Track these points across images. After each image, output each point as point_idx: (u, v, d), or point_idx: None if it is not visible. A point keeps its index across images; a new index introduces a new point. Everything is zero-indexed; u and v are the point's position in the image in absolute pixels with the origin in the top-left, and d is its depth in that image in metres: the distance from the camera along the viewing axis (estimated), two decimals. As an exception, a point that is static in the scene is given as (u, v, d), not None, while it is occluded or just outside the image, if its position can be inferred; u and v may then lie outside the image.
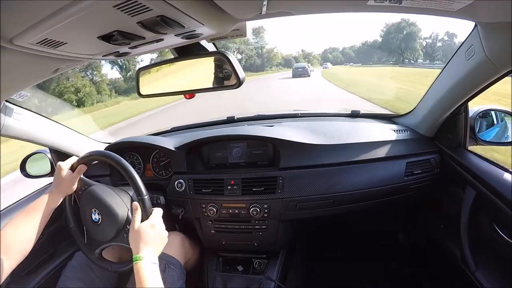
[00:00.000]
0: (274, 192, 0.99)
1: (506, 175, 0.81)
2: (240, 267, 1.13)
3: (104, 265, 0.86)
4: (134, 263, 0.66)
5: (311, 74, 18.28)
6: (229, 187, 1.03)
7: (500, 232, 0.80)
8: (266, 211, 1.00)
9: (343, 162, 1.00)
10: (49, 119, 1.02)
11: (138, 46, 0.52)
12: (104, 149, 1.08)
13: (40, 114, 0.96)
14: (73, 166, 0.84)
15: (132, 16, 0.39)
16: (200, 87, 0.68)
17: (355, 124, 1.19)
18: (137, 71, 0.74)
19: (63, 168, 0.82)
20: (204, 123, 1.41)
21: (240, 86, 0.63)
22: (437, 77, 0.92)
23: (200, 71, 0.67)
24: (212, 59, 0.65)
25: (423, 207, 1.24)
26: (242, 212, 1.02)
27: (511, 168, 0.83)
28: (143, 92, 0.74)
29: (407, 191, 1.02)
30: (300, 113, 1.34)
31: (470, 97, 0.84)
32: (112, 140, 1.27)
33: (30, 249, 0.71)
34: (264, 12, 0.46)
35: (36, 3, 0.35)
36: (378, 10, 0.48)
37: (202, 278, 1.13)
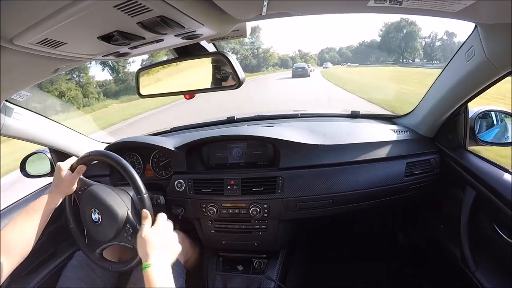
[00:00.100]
0: (274, 192, 0.99)
1: (506, 176, 0.81)
2: (240, 267, 1.12)
3: (105, 265, 0.86)
4: (144, 272, 0.63)
5: (311, 74, 18.27)
6: (229, 187, 1.03)
7: (500, 232, 0.80)
8: (266, 211, 1.00)
9: (343, 162, 1.00)
10: (49, 119, 1.02)
11: (138, 47, 0.52)
12: (104, 149, 1.08)
13: (40, 114, 0.96)
14: (73, 167, 0.84)
15: (132, 17, 0.39)
16: (200, 88, 0.69)
17: (355, 125, 1.19)
18: (137, 71, 0.74)
19: (63, 169, 0.82)
20: (204, 123, 1.41)
21: (240, 86, 0.63)
22: (437, 78, 0.92)
23: (200, 72, 0.67)
24: (211, 60, 0.65)
25: (423, 207, 1.24)
26: (242, 212, 1.02)
27: (511, 169, 0.83)
28: (143, 93, 0.74)
29: (407, 191, 1.02)
30: (300, 114, 1.34)
31: (470, 98, 0.84)
32: (112, 140, 1.27)
33: (30, 250, 0.71)
34: (264, 13, 0.46)
35: (36, 3, 0.35)
36: (378, 11, 0.48)
37: (202, 278, 1.13)
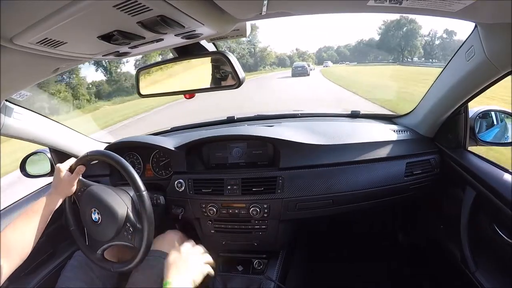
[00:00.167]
0: (274, 192, 0.99)
1: (506, 176, 0.81)
2: (240, 267, 1.12)
3: (106, 266, 0.86)
4: None
5: (311, 73, 18.26)
6: (229, 187, 1.03)
7: (500, 233, 0.80)
8: (266, 211, 1.00)
9: (343, 162, 1.00)
10: (49, 119, 1.02)
11: (138, 46, 0.52)
12: (104, 149, 1.08)
13: (40, 114, 0.96)
14: (72, 168, 0.84)
15: (132, 16, 0.39)
16: (200, 87, 0.69)
17: (355, 125, 1.19)
18: (137, 71, 0.74)
19: (62, 170, 0.81)
20: (204, 123, 1.41)
21: (240, 86, 0.63)
22: (437, 78, 0.92)
23: (200, 71, 0.67)
24: (211, 60, 0.65)
25: (423, 207, 1.24)
26: (242, 212, 1.02)
27: (511, 169, 0.83)
28: (143, 92, 0.74)
29: (407, 191, 1.02)
30: (300, 113, 1.33)
31: (470, 98, 0.84)
32: (112, 140, 1.27)
33: (30, 252, 0.71)
34: (264, 12, 0.46)
35: (36, 3, 0.35)
36: (378, 11, 0.48)
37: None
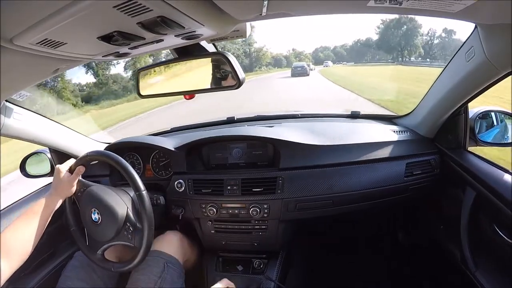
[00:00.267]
0: (274, 193, 0.99)
1: (506, 176, 0.81)
2: (240, 267, 1.12)
3: (107, 266, 0.86)
4: None
5: (310, 73, 18.24)
6: (229, 188, 1.03)
7: (500, 233, 0.80)
8: (266, 212, 1.00)
9: (343, 163, 1.00)
10: (49, 119, 1.02)
11: (138, 47, 0.52)
12: (104, 149, 1.08)
13: (40, 114, 0.96)
14: (71, 168, 0.84)
15: (132, 17, 0.39)
16: (200, 88, 0.69)
17: (355, 125, 1.19)
18: (137, 71, 0.74)
19: (62, 171, 0.82)
20: (204, 124, 1.41)
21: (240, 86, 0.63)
22: (437, 78, 0.92)
23: (200, 72, 0.67)
24: (211, 60, 0.65)
25: (423, 208, 1.24)
26: (242, 212, 1.02)
27: (511, 169, 0.83)
28: (143, 93, 0.74)
29: (407, 192, 1.02)
30: (300, 114, 1.33)
31: (470, 98, 0.84)
32: (112, 140, 1.27)
33: (30, 252, 0.71)
34: (264, 13, 0.46)
35: (36, 3, 0.35)
36: (378, 11, 0.48)
37: (202, 278, 1.13)
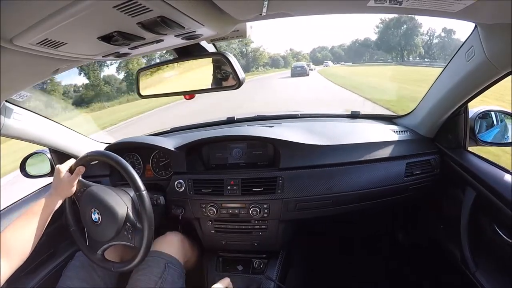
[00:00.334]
0: (274, 193, 0.99)
1: (506, 176, 0.81)
2: (240, 267, 1.12)
3: (107, 266, 0.86)
4: None
5: (310, 73, 18.22)
6: (229, 188, 1.03)
7: (500, 233, 0.80)
8: (266, 211, 1.00)
9: (343, 163, 1.00)
10: (49, 119, 1.02)
11: (138, 47, 0.52)
12: (104, 149, 1.08)
13: (40, 114, 0.96)
14: (71, 168, 0.84)
15: (132, 17, 0.39)
16: (200, 88, 0.69)
17: (355, 125, 1.19)
18: (137, 72, 0.74)
19: (62, 171, 0.82)
20: (204, 124, 1.41)
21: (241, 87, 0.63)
22: (437, 78, 0.92)
23: (200, 72, 0.67)
24: (211, 60, 0.65)
25: (423, 208, 1.24)
26: (242, 212, 1.02)
27: (511, 169, 0.83)
28: (143, 93, 0.74)
29: (407, 192, 1.02)
30: (300, 114, 1.33)
31: (470, 98, 0.84)
32: (112, 140, 1.27)
33: (30, 253, 0.71)
34: (264, 13, 0.46)
35: (36, 3, 0.35)
36: (378, 11, 0.48)
37: (202, 278, 1.13)
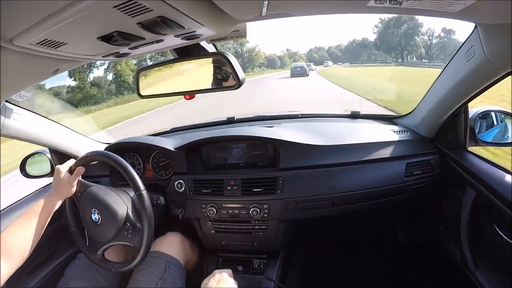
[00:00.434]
0: (274, 193, 0.99)
1: (506, 176, 0.81)
2: (240, 267, 1.12)
3: (107, 266, 0.86)
4: None
5: (310, 74, 18.23)
6: (229, 188, 1.03)
7: (500, 233, 0.80)
8: (266, 212, 1.00)
9: (343, 163, 1.00)
10: (49, 120, 1.02)
11: (138, 47, 0.52)
12: (104, 150, 1.08)
13: (40, 115, 0.96)
14: (71, 169, 0.84)
15: (132, 17, 0.39)
16: (200, 88, 0.69)
17: (355, 125, 1.19)
18: (137, 72, 0.74)
19: (62, 171, 0.82)
20: (204, 124, 1.41)
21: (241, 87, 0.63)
22: (437, 78, 0.92)
23: (200, 72, 0.67)
24: (211, 60, 0.65)
25: (423, 208, 1.24)
26: (242, 213, 1.02)
27: (511, 169, 0.83)
28: (143, 93, 0.74)
29: (407, 192, 1.02)
30: (300, 114, 1.33)
31: (470, 98, 0.84)
32: (112, 141, 1.27)
33: (30, 253, 0.71)
34: (264, 13, 0.46)
35: (36, 3, 0.35)
36: (378, 11, 0.48)
37: (202, 279, 1.13)
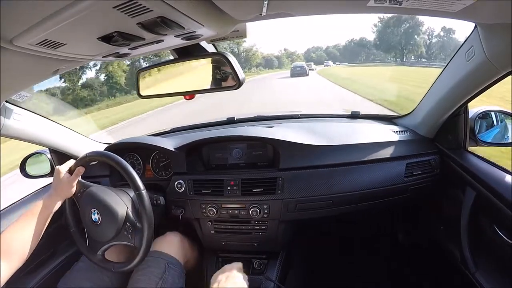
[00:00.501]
0: (274, 193, 0.99)
1: (506, 176, 0.81)
2: None
3: (107, 267, 0.86)
4: None
5: (310, 73, 18.26)
6: (229, 188, 1.03)
7: (500, 233, 0.79)
8: (266, 212, 1.00)
9: (343, 163, 1.00)
10: (49, 120, 1.02)
11: (138, 47, 0.52)
12: (104, 150, 1.08)
13: (40, 115, 0.96)
14: (71, 169, 0.84)
15: (132, 17, 0.39)
16: (200, 88, 0.69)
17: (355, 125, 1.19)
18: (137, 72, 0.74)
19: (61, 172, 0.82)
20: (204, 124, 1.41)
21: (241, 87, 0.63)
22: (437, 78, 0.92)
23: (200, 72, 0.67)
24: (211, 60, 0.65)
25: (423, 208, 1.24)
26: (242, 213, 1.02)
27: (511, 169, 0.83)
28: (143, 93, 0.74)
29: (407, 192, 1.02)
30: (300, 114, 1.33)
31: (470, 98, 0.84)
32: (112, 141, 1.27)
33: (30, 253, 0.71)
34: (264, 13, 0.46)
35: (36, 4, 0.35)
36: (378, 11, 0.48)
37: (202, 279, 1.13)
